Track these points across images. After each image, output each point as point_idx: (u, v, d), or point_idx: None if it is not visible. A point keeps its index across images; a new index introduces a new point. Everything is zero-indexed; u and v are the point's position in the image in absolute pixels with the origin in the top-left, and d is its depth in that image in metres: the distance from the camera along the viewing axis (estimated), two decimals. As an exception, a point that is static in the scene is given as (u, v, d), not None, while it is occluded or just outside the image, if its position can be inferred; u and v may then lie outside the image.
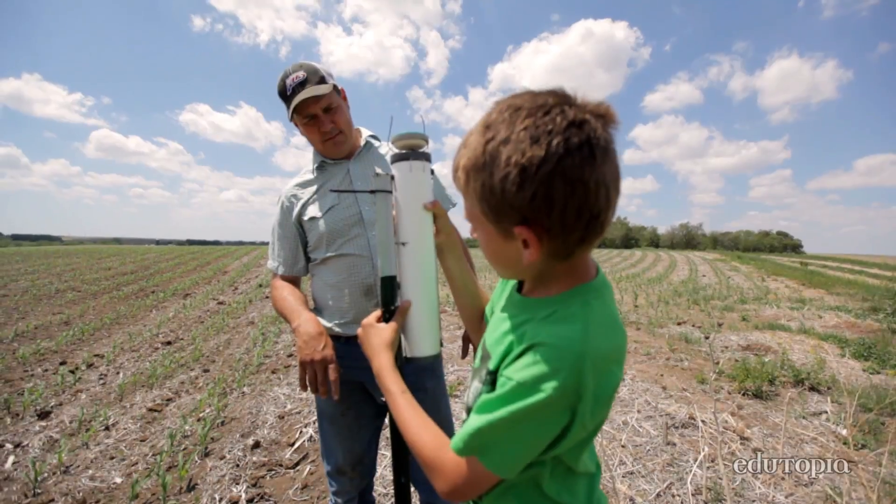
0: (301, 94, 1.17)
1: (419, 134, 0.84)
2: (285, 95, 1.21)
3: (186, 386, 3.72)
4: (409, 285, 0.83)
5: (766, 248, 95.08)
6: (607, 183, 0.51)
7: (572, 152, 0.48)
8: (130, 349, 4.84)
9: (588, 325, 0.54)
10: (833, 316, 7.68)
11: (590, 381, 0.51)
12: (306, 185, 1.35)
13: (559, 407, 0.52)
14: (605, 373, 0.54)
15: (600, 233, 0.54)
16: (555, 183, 0.49)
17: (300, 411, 3.10)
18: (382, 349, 0.78)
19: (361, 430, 1.34)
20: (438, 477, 0.60)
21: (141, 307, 7.40)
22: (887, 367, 4.32)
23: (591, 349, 0.52)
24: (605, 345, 0.54)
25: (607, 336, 0.56)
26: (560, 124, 0.49)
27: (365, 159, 1.36)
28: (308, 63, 1.22)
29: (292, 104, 1.19)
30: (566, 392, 0.51)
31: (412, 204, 0.82)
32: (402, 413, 0.70)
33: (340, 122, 1.25)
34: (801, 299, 10.33)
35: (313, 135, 1.27)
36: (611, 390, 0.55)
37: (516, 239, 0.55)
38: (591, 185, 0.49)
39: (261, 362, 4.33)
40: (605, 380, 0.54)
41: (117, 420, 3.00)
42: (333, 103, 1.23)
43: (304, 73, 1.19)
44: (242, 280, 11.91)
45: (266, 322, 6.27)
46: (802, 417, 3.19)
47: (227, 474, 2.32)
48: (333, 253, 1.28)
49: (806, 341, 5.51)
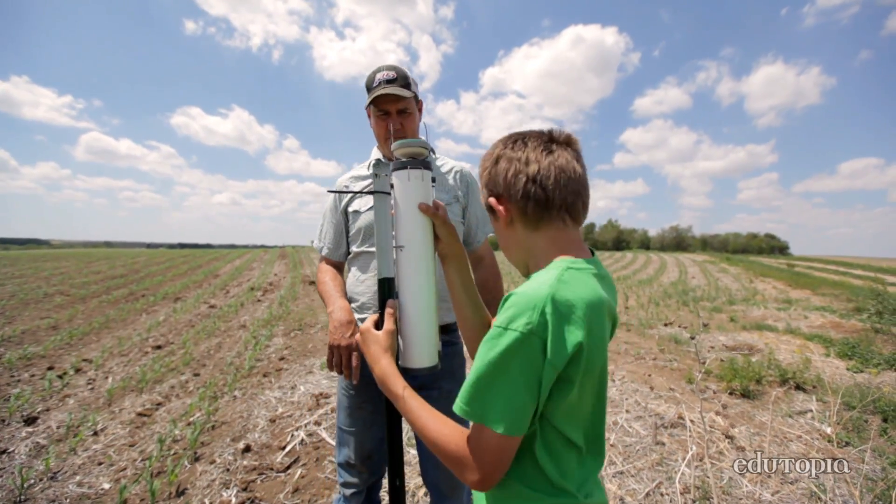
0: (385, 88, 1.25)
1: (420, 142, 0.85)
2: (370, 87, 1.30)
3: (177, 390, 3.69)
4: (405, 289, 0.84)
5: (754, 250, 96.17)
6: (543, 163, 0.69)
7: (514, 142, 0.73)
8: (120, 353, 4.79)
9: (556, 280, 0.63)
10: (818, 316, 7.81)
11: (554, 319, 0.59)
12: (359, 179, 1.43)
13: (532, 344, 0.59)
14: (570, 317, 0.60)
15: (546, 203, 0.69)
16: (500, 161, 0.73)
17: (291, 415, 3.10)
18: (381, 355, 0.79)
19: (375, 426, 1.35)
20: (467, 466, 0.63)
21: (131, 311, 7.31)
22: (870, 366, 4.41)
23: (555, 294, 0.60)
24: (570, 295, 0.61)
25: (574, 291, 0.62)
26: (513, 135, 0.75)
27: None
28: (401, 67, 1.31)
29: (373, 95, 1.27)
30: (534, 328, 0.59)
31: (410, 210, 0.84)
32: (416, 414, 0.71)
33: (408, 127, 1.33)
34: (787, 300, 10.49)
35: (381, 130, 1.34)
36: (578, 336, 0.60)
37: (497, 217, 0.74)
38: (524, 161, 0.70)
39: (252, 366, 4.31)
40: (571, 324, 0.60)
41: (106, 425, 2.97)
42: (409, 109, 1.32)
43: (394, 73, 1.28)
44: (234, 283, 11.82)
45: (258, 325, 6.23)
46: (788, 416, 3.24)
47: (218, 479, 2.31)
48: (366, 248, 1.36)
49: (792, 341, 5.61)
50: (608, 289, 0.70)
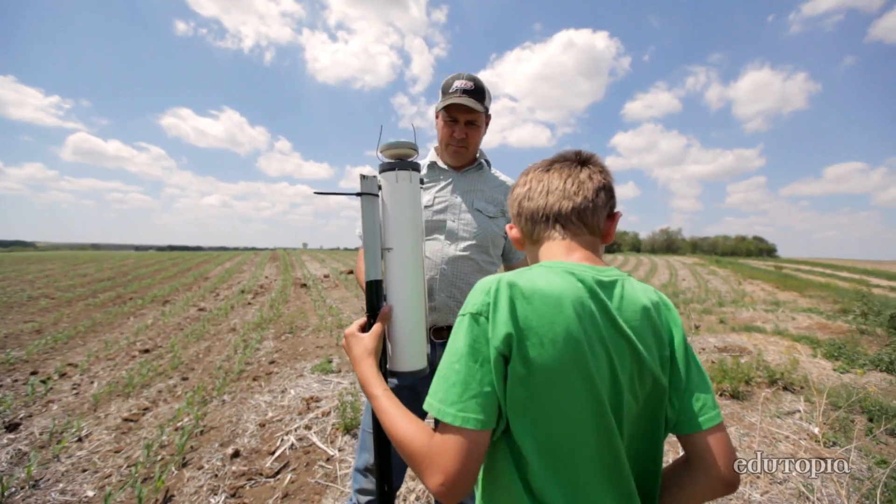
0: (461, 98, 1.28)
1: (408, 143, 0.85)
2: (446, 91, 1.32)
3: (164, 395, 3.63)
4: (393, 291, 0.84)
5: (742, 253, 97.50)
6: (533, 182, 0.75)
7: (525, 171, 0.79)
8: (106, 358, 4.70)
9: (513, 272, 0.65)
10: (805, 318, 7.93)
11: (498, 297, 0.60)
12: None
13: (480, 324, 0.60)
14: (514, 298, 0.60)
15: (533, 217, 0.74)
16: (512, 190, 0.80)
17: (281, 419, 3.06)
18: (364, 357, 0.78)
19: None
20: (429, 467, 0.57)
21: (118, 314, 7.19)
22: (856, 367, 4.47)
23: (506, 278, 0.62)
24: (521, 281, 0.62)
25: (528, 278, 0.62)
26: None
27: (472, 176, 1.45)
28: (480, 80, 1.33)
29: (447, 101, 1.29)
30: (480, 309, 0.60)
31: (398, 212, 0.83)
32: (388, 413, 0.67)
33: (472, 139, 1.36)
34: (775, 302, 10.63)
35: (446, 135, 1.37)
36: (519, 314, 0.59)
37: (514, 240, 0.80)
38: (521, 184, 0.78)
39: (241, 369, 4.26)
40: (514, 302, 0.60)
41: (90, 431, 2.91)
42: (477, 122, 1.35)
43: (473, 84, 1.31)
44: (224, 286, 11.70)
45: (248, 329, 6.16)
46: (777, 417, 3.27)
47: (206, 485, 2.27)
48: None
49: (780, 342, 5.67)
50: (607, 292, 0.64)
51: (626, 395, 0.62)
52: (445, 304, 1.32)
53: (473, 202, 1.39)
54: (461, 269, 1.33)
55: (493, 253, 1.42)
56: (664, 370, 0.65)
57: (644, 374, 0.63)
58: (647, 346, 0.64)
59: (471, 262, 1.35)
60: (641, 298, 0.66)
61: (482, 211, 1.39)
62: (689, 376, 0.66)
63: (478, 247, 1.37)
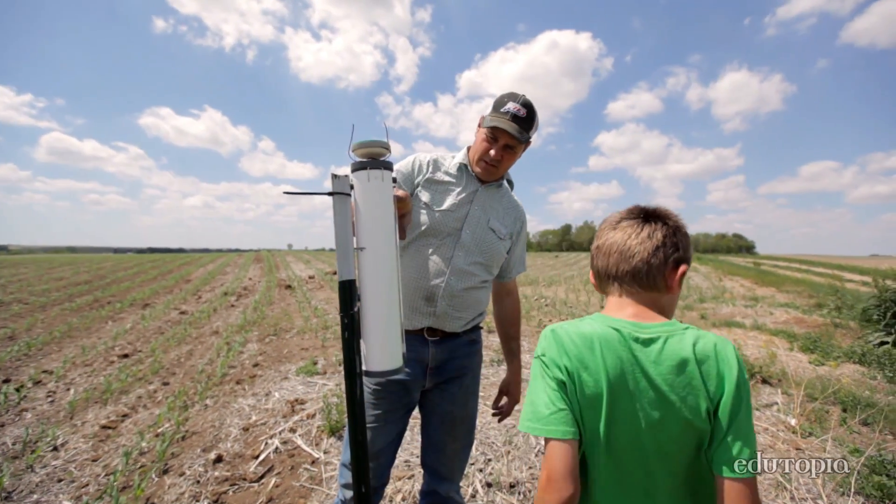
0: (509, 125, 1.26)
1: (380, 142, 0.83)
2: (499, 109, 1.29)
3: (144, 400, 3.55)
4: (367, 291, 0.83)
5: (723, 250, 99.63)
6: (602, 239, 0.86)
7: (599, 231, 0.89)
8: (83, 364, 4.57)
9: (567, 322, 0.83)
10: (783, 312, 8.15)
11: (549, 342, 0.80)
12: (442, 169, 1.42)
13: (547, 362, 0.78)
14: (561, 341, 0.78)
15: (598, 274, 0.87)
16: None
17: (266, 422, 3.02)
18: None
19: (388, 425, 1.34)
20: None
21: (95, 319, 7.00)
22: (830, 359, 4.61)
23: (555, 327, 0.81)
24: (568, 327, 0.80)
25: (574, 326, 0.81)
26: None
27: (493, 192, 1.45)
28: (534, 107, 1.31)
29: (495, 122, 1.27)
30: (542, 351, 0.80)
31: (370, 211, 0.82)
32: None
33: (506, 161, 1.36)
34: (754, 297, 10.90)
35: (481, 149, 1.35)
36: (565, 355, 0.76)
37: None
38: (597, 237, 0.88)
39: (225, 373, 4.18)
40: (560, 345, 0.78)
41: (67, 440, 2.82)
42: (516, 148, 1.34)
43: (526, 112, 1.28)
44: (207, 288, 11.49)
45: (231, 331, 6.06)
46: (756, 409, 3.36)
47: (187, 491, 2.22)
48: (419, 245, 1.35)
49: (759, 337, 5.82)
50: (644, 345, 0.74)
51: (644, 433, 0.73)
52: (445, 312, 1.34)
53: (490, 220, 1.40)
54: (466, 282, 1.35)
55: (493, 271, 1.45)
56: (703, 417, 0.71)
57: (670, 420, 0.72)
58: (679, 395, 0.72)
59: (474, 277, 1.37)
60: (683, 353, 0.73)
61: (495, 231, 1.40)
62: (732, 426, 0.70)
63: (483, 265, 1.39)
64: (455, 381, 1.41)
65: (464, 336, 1.42)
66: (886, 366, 4.40)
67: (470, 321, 1.42)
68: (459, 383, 1.41)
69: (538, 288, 12.43)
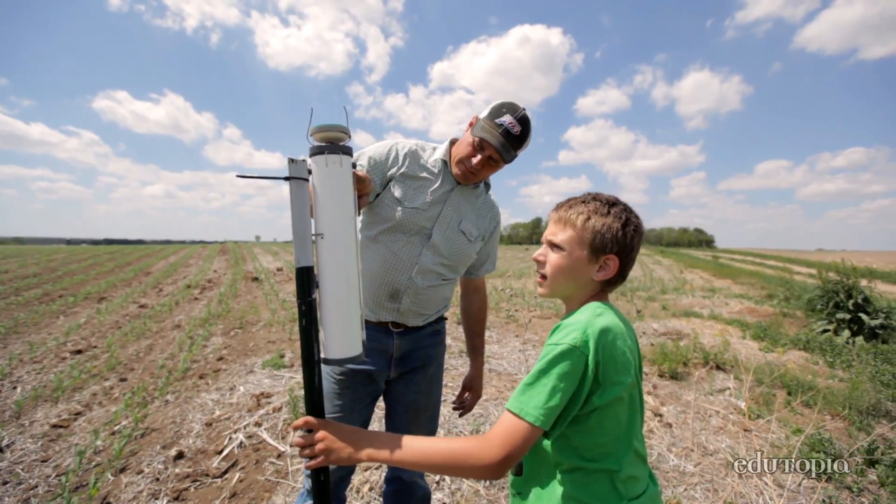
0: (499, 140, 1.23)
1: (338, 126, 0.82)
2: (494, 118, 1.24)
3: (99, 397, 3.39)
4: (326, 278, 0.82)
5: (685, 243, 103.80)
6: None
7: (625, 225, 0.87)
8: (31, 361, 4.31)
9: (593, 314, 0.81)
10: (737, 303, 8.59)
11: (592, 341, 0.76)
12: (420, 162, 1.38)
13: (574, 356, 0.75)
14: (604, 338, 0.77)
15: (628, 266, 0.89)
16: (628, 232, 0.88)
17: (230, 417, 2.95)
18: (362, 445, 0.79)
19: (353, 414, 1.33)
20: (484, 449, 0.73)
21: (45, 313, 6.60)
22: (778, 346, 4.91)
23: (593, 322, 0.78)
24: (604, 323, 0.79)
25: (605, 319, 0.80)
26: (624, 213, 0.88)
27: (468, 193, 1.42)
28: (530, 127, 1.26)
29: (487, 134, 1.24)
30: (577, 343, 0.75)
31: (329, 197, 0.81)
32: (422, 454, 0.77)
33: (486, 172, 1.33)
34: (712, 289, 11.44)
35: (465, 153, 1.31)
36: (614, 353, 0.77)
37: (599, 262, 0.86)
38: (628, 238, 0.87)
39: (187, 367, 4.05)
40: (607, 343, 0.77)
41: (13, 440, 2.67)
42: (499, 163, 1.30)
43: (521, 130, 1.23)
44: (168, 281, 11.03)
45: (194, 325, 5.86)
46: (710, 394, 3.54)
47: (146, 489, 2.15)
48: (387, 240, 1.32)
49: (714, 326, 6.12)
50: (626, 324, 0.87)
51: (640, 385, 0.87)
52: (409, 309, 1.34)
53: (461, 221, 1.38)
54: (431, 281, 1.35)
55: (460, 270, 1.46)
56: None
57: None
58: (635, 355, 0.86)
59: (438, 275, 1.37)
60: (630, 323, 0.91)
61: (465, 233, 1.39)
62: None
63: (449, 266, 1.39)
64: (419, 370, 1.43)
65: (427, 327, 1.43)
66: (827, 352, 4.73)
67: (433, 315, 1.43)
68: (424, 373, 1.43)
69: (508, 280, 12.59)
